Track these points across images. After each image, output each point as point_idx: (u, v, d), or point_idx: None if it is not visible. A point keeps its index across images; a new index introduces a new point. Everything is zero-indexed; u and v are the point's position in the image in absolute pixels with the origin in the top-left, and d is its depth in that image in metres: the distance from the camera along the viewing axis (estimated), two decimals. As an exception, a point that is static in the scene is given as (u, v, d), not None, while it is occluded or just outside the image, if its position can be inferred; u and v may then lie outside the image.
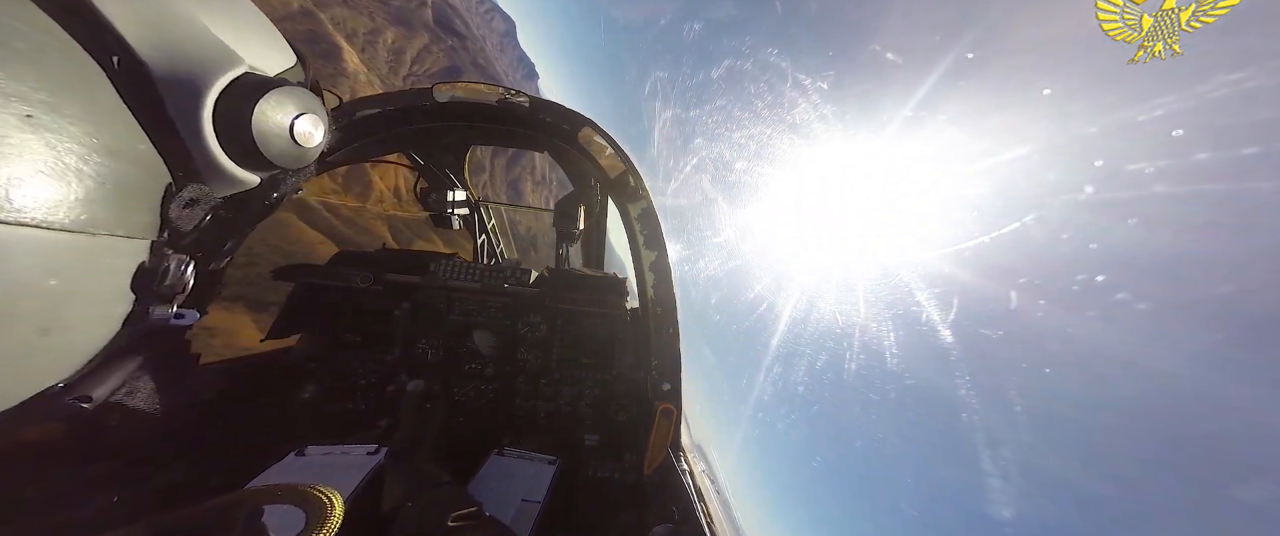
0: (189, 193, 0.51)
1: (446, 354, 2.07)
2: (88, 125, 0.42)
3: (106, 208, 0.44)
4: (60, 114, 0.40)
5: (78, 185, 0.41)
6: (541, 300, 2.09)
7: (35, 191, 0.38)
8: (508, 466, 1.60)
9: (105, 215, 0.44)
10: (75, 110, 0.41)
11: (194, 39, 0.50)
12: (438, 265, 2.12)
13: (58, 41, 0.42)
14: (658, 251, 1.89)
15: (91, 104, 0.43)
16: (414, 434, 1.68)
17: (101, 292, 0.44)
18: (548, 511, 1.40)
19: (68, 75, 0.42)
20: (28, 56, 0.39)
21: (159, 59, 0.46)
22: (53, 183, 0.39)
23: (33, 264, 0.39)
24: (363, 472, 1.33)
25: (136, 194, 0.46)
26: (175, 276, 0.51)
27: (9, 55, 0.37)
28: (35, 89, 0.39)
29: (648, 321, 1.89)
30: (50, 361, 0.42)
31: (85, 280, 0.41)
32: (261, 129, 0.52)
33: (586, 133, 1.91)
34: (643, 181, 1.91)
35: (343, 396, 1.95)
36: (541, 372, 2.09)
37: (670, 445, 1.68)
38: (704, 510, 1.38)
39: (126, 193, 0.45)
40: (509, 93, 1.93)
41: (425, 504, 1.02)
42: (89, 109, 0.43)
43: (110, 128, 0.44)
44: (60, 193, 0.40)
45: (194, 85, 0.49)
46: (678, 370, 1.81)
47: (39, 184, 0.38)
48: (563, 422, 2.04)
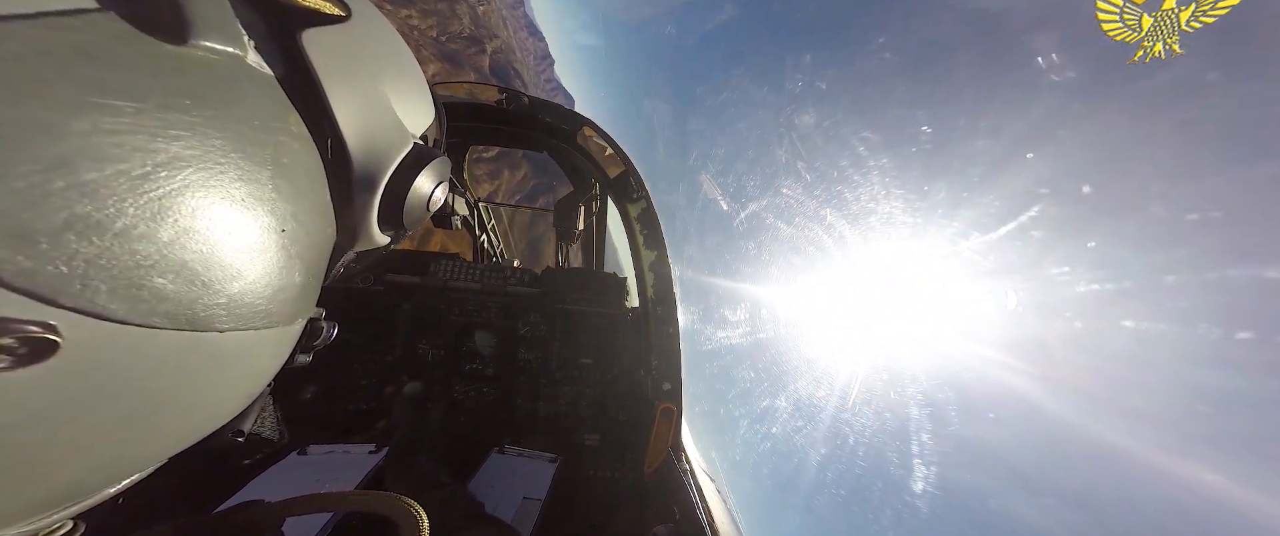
0: (345, 259, 0.55)
1: (447, 354, 2.07)
2: (313, 224, 0.44)
3: (308, 298, 0.48)
4: (298, 221, 0.42)
5: (298, 281, 0.44)
6: (541, 300, 2.09)
7: (273, 300, 0.41)
8: (508, 464, 1.60)
9: (306, 305, 0.48)
10: (306, 212, 0.43)
11: (382, 117, 0.52)
12: (438, 265, 2.12)
13: (306, 146, 0.43)
14: (658, 251, 1.89)
15: (316, 201, 0.45)
16: (413, 434, 1.68)
17: (264, 370, 0.48)
18: (548, 509, 1.40)
19: (307, 176, 0.43)
20: (289, 168, 0.40)
21: (358, 143, 0.48)
22: (284, 288, 0.42)
23: (260, 363, 0.43)
24: (364, 471, 1.33)
25: (320, 273, 0.49)
26: (326, 337, 0.57)
27: (278, 171, 0.39)
28: (290, 199, 0.41)
29: (648, 321, 1.89)
30: (236, 406, 0.46)
31: (256, 364, 0.45)
32: (411, 201, 0.56)
33: (586, 133, 1.92)
34: (643, 181, 1.91)
35: (343, 396, 1.95)
36: (542, 373, 2.09)
37: (671, 445, 1.68)
38: (705, 509, 1.38)
39: (318, 276, 0.49)
40: (508, 93, 1.93)
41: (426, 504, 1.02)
42: (314, 207, 0.45)
43: (321, 220, 0.46)
44: (286, 294, 0.42)
45: (377, 165, 0.51)
46: (678, 370, 1.82)
47: (276, 294, 0.41)
48: (563, 422, 2.04)
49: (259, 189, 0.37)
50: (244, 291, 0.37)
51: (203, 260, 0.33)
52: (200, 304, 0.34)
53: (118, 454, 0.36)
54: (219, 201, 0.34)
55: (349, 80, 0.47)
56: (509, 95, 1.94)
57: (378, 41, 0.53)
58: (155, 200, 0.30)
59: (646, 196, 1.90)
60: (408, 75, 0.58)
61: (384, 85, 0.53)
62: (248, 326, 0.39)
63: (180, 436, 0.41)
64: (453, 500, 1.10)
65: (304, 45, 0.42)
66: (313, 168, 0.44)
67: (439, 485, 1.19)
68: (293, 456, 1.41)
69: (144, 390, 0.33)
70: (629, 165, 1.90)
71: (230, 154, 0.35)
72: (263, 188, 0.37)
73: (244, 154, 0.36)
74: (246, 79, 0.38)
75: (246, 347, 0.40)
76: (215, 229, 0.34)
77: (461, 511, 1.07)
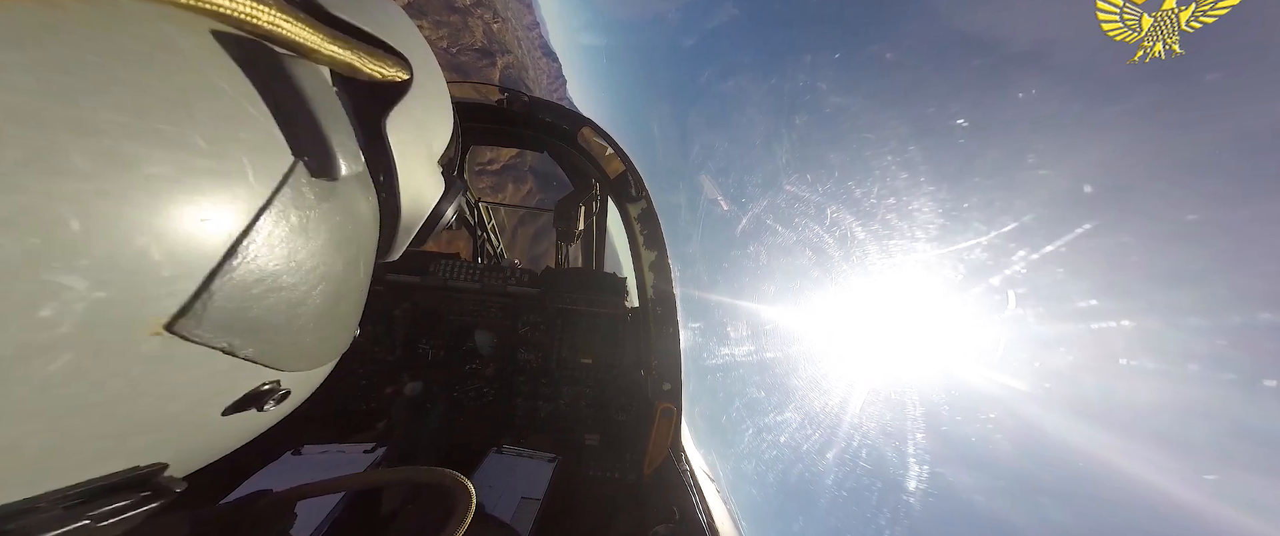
0: None
1: (447, 354, 2.07)
2: (367, 277, 0.54)
3: (357, 319, 0.57)
4: (363, 280, 0.53)
5: (355, 315, 0.55)
6: (541, 300, 2.09)
7: (341, 337, 0.54)
8: (507, 464, 1.60)
9: (355, 327, 0.58)
10: (367, 272, 0.54)
11: (427, 171, 0.60)
12: (438, 265, 2.12)
13: (375, 216, 0.53)
14: (658, 251, 1.89)
15: (371, 261, 0.55)
16: (412, 435, 1.68)
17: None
18: (547, 509, 1.40)
19: (372, 245, 0.54)
20: (366, 249, 0.52)
21: (408, 201, 0.58)
22: (348, 329, 0.54)
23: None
24: (361, 470, 1.33)
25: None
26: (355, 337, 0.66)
27: (364, 255, 0.51)
28: (364, 274, 0.53)
29: (648, 321, 1.89)
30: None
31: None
32: (431, 223, 0.64)
33: (586, 133, 1.92)
34: (643, 181, 1.91)
35: (342, 396, 1.95)
36: (541, 372, 2.09)
37: (670, 445, 1.68)
38: (705, 510, 1.38)
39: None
40: (509, 93, 1.93)
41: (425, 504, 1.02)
42: (370, 266, 0.55)
43: (370, 268, 0.56)
44: (348, 332, 0.55)
45: (419, 213, 0.61)
46: (678, 370, 1.81)
47: (344, 331, 0.54)
48: (563, 422, 2.04)
49: (353, 266, 0.49)
50: (341, 333, 0.52)
51: (328, 324, 0.48)
52: (326, 349, 0.50)
53: None
54: (338, 286, 0.47)
55: (412, 151, 0.56)
56: (510, 95, 1.94)
57: (431, 92, 0.59)
58: (313, 301, 0.44)
59: (646, 196, 1.90)
60: (443, 110, 0.64)
61: (432, 139, 0.60)
62: (338, 354, 0.55)
63: None
64: (448, 501, 1.10)
65: (387, 135, 0.51)
66: (374, 226, 0.54)
67: (444, 527, 1.19)
68: (287, 456, 1.40)
69: (301, 397, 0.53)
70: (629, 165, 1.90)
71: (342, 247, 0.47)
72: (356, 264, 0.49)
73: (348, 241, 0.48)
74: (355, 180, 0.48)
75: (334, 362, 0.56)
76: (334, 302, 0.47)
77: None
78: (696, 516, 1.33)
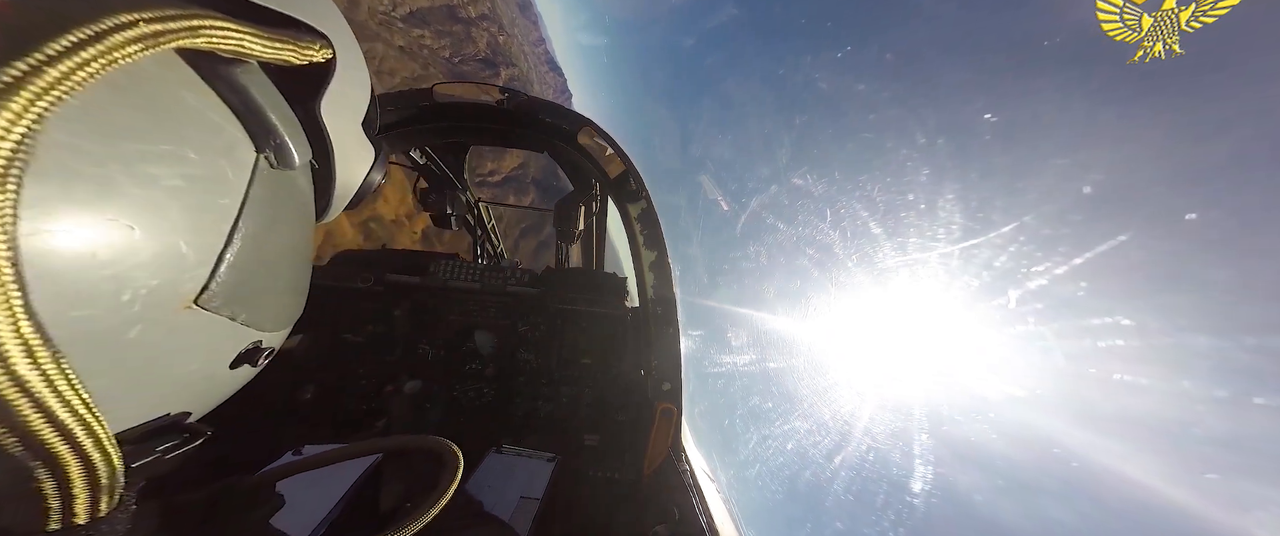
0: None
1: (447, 354, 2.07)
2: (311, 240, 0.63)
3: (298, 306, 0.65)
4: (308, 246, 0.62)
5: (307, 280, 0.65)
6: (541, 300, 2.09)
7: (300, 301, 0.63)
8: (506, 463, 1.60)
9: (296, 311, 0.65)
10: (310, 236, 0.63)
11: (355, 141, 0.68)
12: (438, 266, 2.12)
13: (309, 186, 0.61)
14: (658, 251, 1.89)
15: (312, 226, 0.63)
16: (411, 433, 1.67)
17: None
18: (546, 509, 1.40)
19: (311, 210, 0.62)
20: (309, 216, 0.61)
21: (342, 173, 0.65)
22: (304, 294, 0.64)
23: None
24: (361, 469, 1.33)
25: None
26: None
27: (310, 222, 0.62)
28: (309, 239, 0.62)
29: (648, 321, 1.89)
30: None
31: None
32: (363, 191, 0.72)
33: (586, 133, 1.92)
34: (643, 181, 1.91)
35: (342, 397, 1.95)
36: (541, 373, 2.09)
37: (670, 445, 1.68)
38: (704, 510, 1.38)
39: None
40: (509, 93, 1.93)
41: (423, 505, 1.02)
42: (312, 230, 0.63)
43: (308, 231, 0.63)
44: (304, 296, 0.64)
45: (352, 181, 0.69)
46: (678, 370, 1.81)
47: (302, 296, 0.64)
48: (562, 423, 2.04)
49: (305, 236, 0.59)
50: (300, 298, 0.62)
51: (292, 292, 0.59)
52: (292, 314, 0.60)
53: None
54: (297, 257, 0.57)
55: (343, 127, 0.62)
56: (509, 94, 1.94)
57: (351, 66, 0.64)
58: (284, 274, 0.55)
59: (646, 196, 1.90)
60: (362, 78, 0.68)
61: (358, 109, 0.66)
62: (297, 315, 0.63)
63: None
64: (451, 501, 1.10)
65: (322, 118, 0.57)
66: (311, 204, 0.62)
67: (436, 485, 1.19)
68: (288, 456, 1.40)
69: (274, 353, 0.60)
70: (629, 165, 1.90)
71: (298, 221, 0.56)
72: (307, 233, 0.59)
73: (301, 214, 0.57)
74: (304, 177, 0.59)
75: None
76: (295, 272, 0.58)
77: (458, 510, 1.06)
78: (696, 517, 1.33)
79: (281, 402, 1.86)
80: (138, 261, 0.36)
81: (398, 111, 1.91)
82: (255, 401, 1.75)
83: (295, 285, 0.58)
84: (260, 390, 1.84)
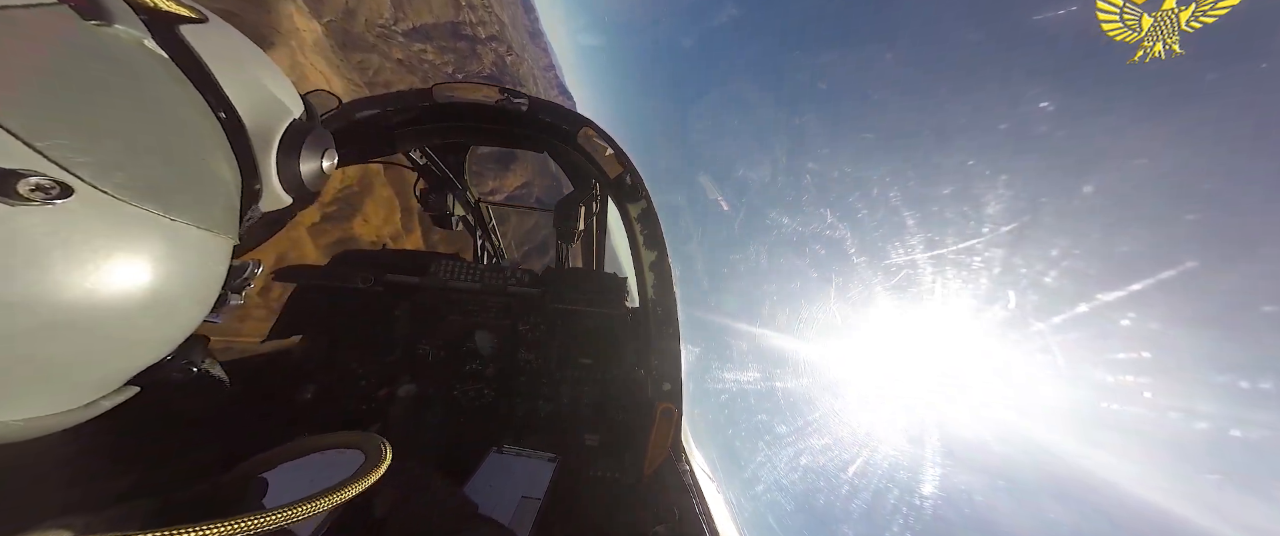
0: (253, 212, 0.68)
1: (447, 354, 2.07)
2: (223, 167, 0.60)
3: (225, 215, 0.61)
4: (214, 160, 0.59)
5: (222, 202, 0.59)
6: (541, 300, 2.09)
7: (206, 204, 0.57)
8: (507, 464, 1.60)
9: (227, 225, 0.61)
10: (217, 156, 0.60)
11: (262, 93, 0.67)
12: (438, 266, 2.12)
13: (203, 110, 0.60)
14: (658, 251, 1.89)
15: (221, 151, 0.61)
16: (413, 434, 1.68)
17: (208, 279, 0.60)
18: (547, 509, 1.40)
19: (209, 134, 0.60)
20: (196, 122, 0.59)
21: (248, 111, 0.64)
22: (212, 200, 0.58)
23: (204, 267, 0.56)
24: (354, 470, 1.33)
25: (232, 211, 0.62)
26: (251, 273, 0.70)
27: (193, 121, 0.58)
28: (201, 146, 0.58)
29: (648, 321, 1.89)
30: (171, 333, 0.58)
31: (200, 267, 0.58)
32: (305, 164, 0.71)
33: (586, 133, 1.92)
34: (642, 181, 1.91)
35: (342, 397, 1.95)
36: (542, 373, 2.09)
37: (670, 445, 1.68)
38: (704, 510, 1.38)
39: (231, 211, 0.62)
40: (509, 93, 1.93)
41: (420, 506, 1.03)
42: (223, 155, 0.61)
43: (229, 167, 0.61)
44: (214, 206, 0.58)
45: (268, 128, 0.67)
46: (678, 370, 1.81)
47: (207, 201, 0.57)
48: (563, 423, 2.04)
49: (179, 128, 0.54)
50: (181, 191, 0.53)
51: (151, 161, 0.50)
52: (151, 190, 0.49)
53: (118, 327, 0.50)
54: (154, 126, 0.51)
55: (228, 63, 0.62)
56: (509, 95, 1.94)
57: (239, 40, 0.68)
58: (119, 117, 0.48)
59: (646, 196, 1.90)
60: (273, 69, 0.72)
61: (257, 70, 0.68)
62: (185, 222, 0.54)
63: (162, 319, 0.55)
64: (444, 503, 1.10)
65: (185, 36, 0.57)
66: (210, 124, 0.59)
67: (430, 488, 1.19)
68: None
69: (128, 251, 0.49)
70: (629, 165, 1.90)
71: (156, 101, 0.52)
72: (179, 128, 0.54)
73: (163, 103, 0.53)
74: (151, 55, 0.54)
75: (188, 242, 0.55)
76: (155, 143, 0.51)
77: (454, 514, 1.06)
78: (696, 516, 1.33)
79: (282, 402, 1.86)
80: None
81: (398, 112, 1.91)
82: (255, 401, 1.75)
83: (160, 156, 0.52)
84: (259, 390, 1.85)
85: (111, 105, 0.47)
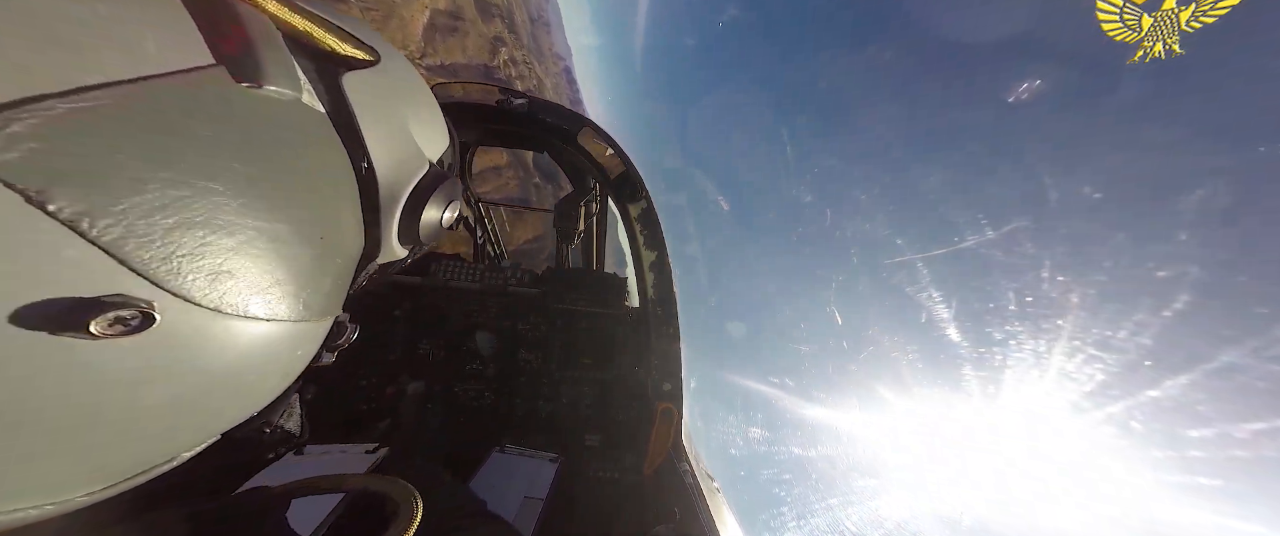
0: (368, 270, 0.62)
1: (447, 354, 2.07)
2: (345, 236, 0.52)
3: (335, 295, 0.53)
4: (333, 232, 0.50)
5: (328, 284, 0.51)
6: (542, 300, 2.10)
7: (307, 297, 0.48)
8: (509, 464, 1.61)
9: (334, 305, 0.54)
10: (340, 225, 0.51)
11: (404, 146, 0.60)
12: (439, 266, 2.12)
13: (344, 169, 0.51)
14: (658, 251, 1.89)
15: (349, 217, 0.53)
16: (415, 434, 1.68)
17: (305, 359, 0.54)
18: (549, 509, 1.40)
19: (343, 195, 0.52)
20: (330, 188, 0.49)
21: (384, 167, 0.56)
22: (317, 288, 0.49)
23: (292, 355, 0.49)
24: (361, 470, 1.33)
25: (344, 286, 0.55)
26: (349, 336, 0.63)
27: (322, 190, 0.48)
28: (328, 214, 0.49)
29: (648, 321, 1.89)
30: (251, 409, 0.51)
31: (298, 354, 0.51)
32: (426, 218, 0.64)
33: (586, 133, 1.92)
34: (643, 181, 1.92)
35: (344, 397, 1.95)
36: (542, 373, 2.10)
37: (671, 445, 1.68)
38: (705, 509, 1.38)
39: (344, 287, 0.55)
40: (509, 93, 1.94)
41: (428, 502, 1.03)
42: (347, 221, 0.52)
43: (353, 232, 0.54)
44: (318, 293, 0.50)
45: (398, 186, 0.59)
46: (678, 370, 1.82)
47: (310, 292, 0.48)
48: (564, 422, 2.04)
49: (307, 206, 0.46)
50: (287, 287, 0.45)
51: (261, 259, 0.41)
52: (254, 295, 0.42)
53: (180, 426, 0.43)
54: (277, 214, 0.42)
55: (379, 115, 0.55)
56: (509, 95, 1.95)
57: (402, 80, 0.61)
58: (233, 210, 0.38)
59: (646, 196, 1.91)
60: (426, 108, 0.66)
61: (407, 118, 0.61)
62: (285, 318, 0.46)
63: (228, 417, 0.48)
64: (455, 498, 1.10)
65: (345, 87, 0.51)
66: (348, 188, 0.52)
67: (441, 483, 1.19)
68: (289, 456, 1.41)
69: (206, 368, 0.41)
70: (629, 165, 1.91)
71: (288, 175, 0.44)
72: (309, 205, 0.46)
73: (298, 175, 0.45)
74: (302, 115, 0.46)
75: (282, 338, 0.47)
76: (272, 235, 0.42)
77: (464, 510, 1.07)
78: (697, 516, 1.33)
79: None
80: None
81: None
82: None
83: (271, 258, 0.42)
84: None
85: (238, 198, 0.38)
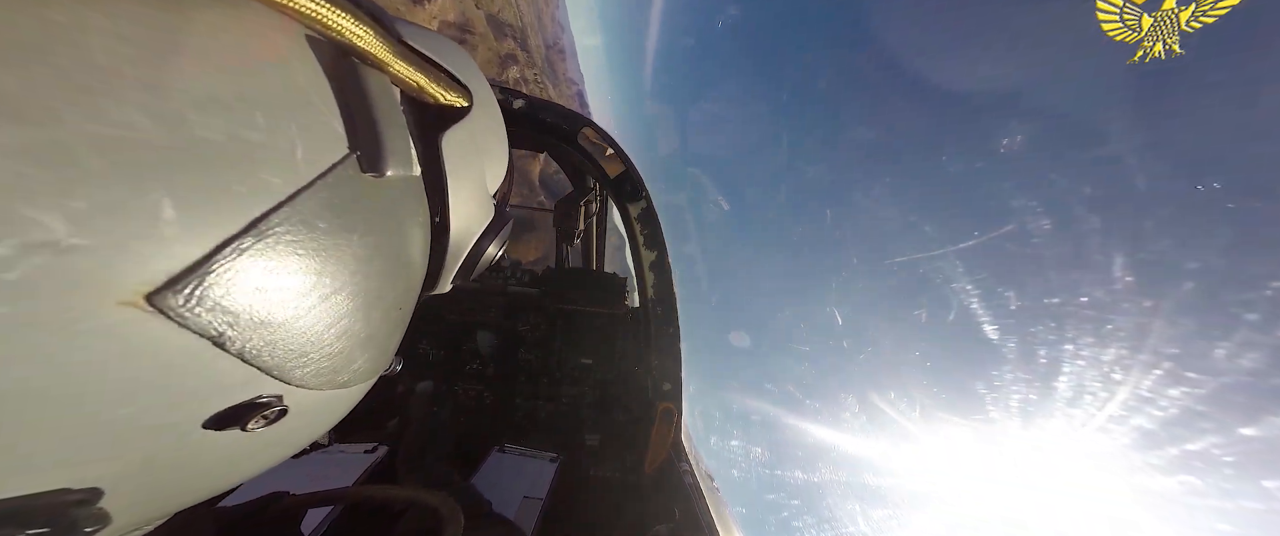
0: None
1: (447, 354, 2.08)
2: (413, 293, 0.52)
3: (393, 348, 0.54)
4: (406, 296, 0.50)
5: (397, 340, 0.52)
6: (542, 300, 2.10)
7: (383, 358, 0.50)
8: (509, 463, 1.61)
9: (391, 356, 0.54)
10: (413, 286, 0.51)
11: (478, 197, 0.58)
12: None
13: (425, 229, 0.51)
14: (658, 251, 1.89)
15: (421, 275, 0.53)
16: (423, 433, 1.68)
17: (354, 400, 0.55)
18: (549, 509, 1.41)
19: (420, 255, 0.51)
20: (412, 252, 0.48)
21: (458, 222, 0.55)
22: (391, 349, 0.51)
23: (354, 398, 0.50)
24: (360, 470, 1.33)
25: (399, 338, 0.55)
26: (392, 369, 0.63)
27: (406, 257, 0.47)
28: (408, 281, 0.49)
29: (648, 321, 1.89)
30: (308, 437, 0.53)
31: (353, 400, 0.52)
32: (475, 254, 0.63)
33: (586, 133, 1.92)
34: (643, 181, 1.92)
35: None
36: (542, 373, 2.10)
37: (671, 445, 1.68)
38: (704, 509, 1.38)
39: (399, 338, 0.55)
40: (508, 93, 1.94)
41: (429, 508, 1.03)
42: (418, 279, 0.53)
43: (419, 287, 0.54)
44: (389, 352, 0.51)
45: (466, 237, 0.59)
46: (678, 370, 1.82)
47: (386, 354, 0.50)
48: (564, 422, 2.05)
49: (392, 279, 0.45)
50: (373, 354, 0.47)
51: (361, 338, 0.43)
52: (345, 370, 0.43)
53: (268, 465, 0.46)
54: (383, 293, 0.44)
55: (465, 172, 0.54)
56: (508, 95, 1.95)
57: (487, 125, 0.59)
58: (348, 310, 0.40)
59: (647, 196, 1.91)
60: (498, 145, 0.64)
61: (485, 167, 0.60)
62: (369, 380, 0.49)
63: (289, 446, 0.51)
64: (464, 499, 1.11)
65: (443, 148, 0.49)
66: (425, 246, 0.52)
67: (450, 483, 1.19)
68: (315, 454, 1.42)
69: (308, 433, 0.47)
70: (629, 165, 1.91)
71: (390, 252, 0.44)
72: (396, 278, 0.46)
73: (397, 249, 0.45)
74: (406, 187, 0.46)
75: (356, 394, 0.50)
76: (372, 317, 0.44)
77: (472, 511, 1.07)
78: (697, 516, 1.33)
79: None
80: (61, 203, 0.22)
81: None
82: None
83: (360, 333, 0.42)
84: None
85: (357, 297, 0.40)
